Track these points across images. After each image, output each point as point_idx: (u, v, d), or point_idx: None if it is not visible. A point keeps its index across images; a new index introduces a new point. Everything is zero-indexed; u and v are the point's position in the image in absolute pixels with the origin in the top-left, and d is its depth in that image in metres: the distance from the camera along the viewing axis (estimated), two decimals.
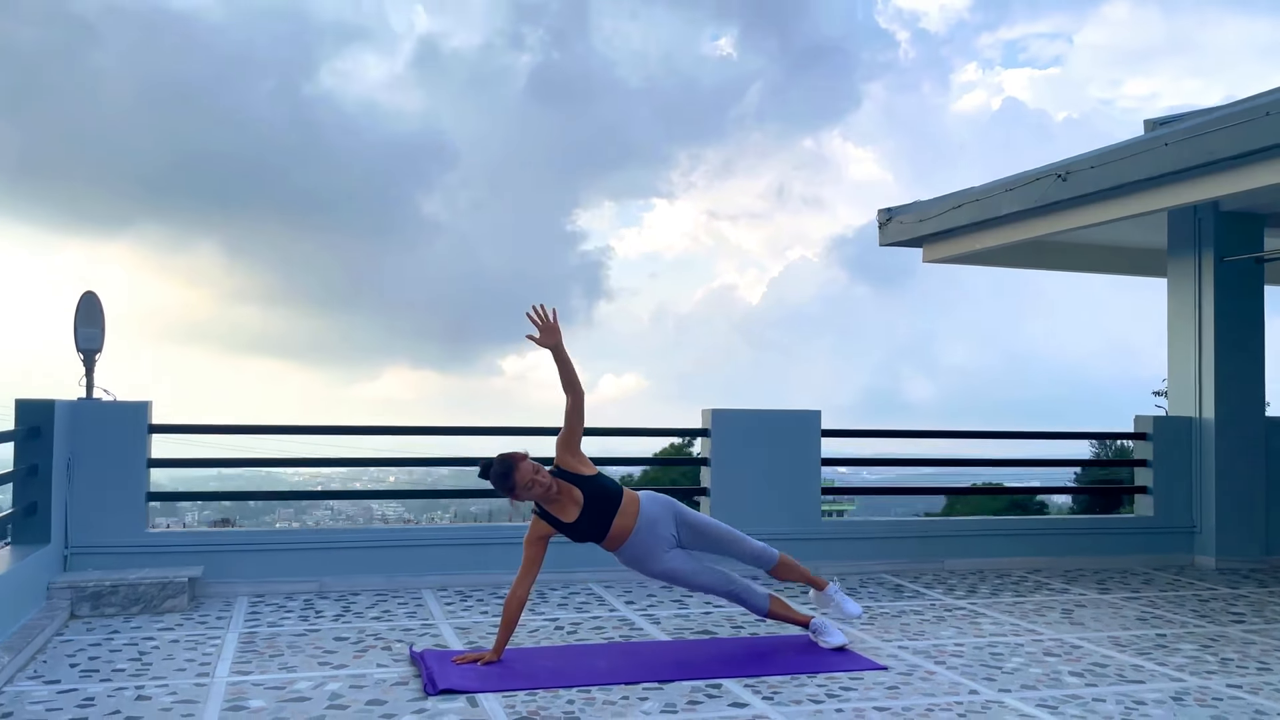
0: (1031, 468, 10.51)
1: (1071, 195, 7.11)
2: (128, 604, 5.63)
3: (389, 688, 4.21)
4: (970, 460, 11.99)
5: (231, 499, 6.33)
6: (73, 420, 6.02)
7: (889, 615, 5.86)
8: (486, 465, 4.65)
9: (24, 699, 3.99)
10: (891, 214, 9.39)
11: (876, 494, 9.72)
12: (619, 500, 4.69)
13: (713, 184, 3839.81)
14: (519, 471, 4.51)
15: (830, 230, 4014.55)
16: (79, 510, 6.02)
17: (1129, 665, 4.77)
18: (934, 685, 4.35)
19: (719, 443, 7.14)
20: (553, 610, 5.87)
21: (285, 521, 41.33)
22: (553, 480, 4.57)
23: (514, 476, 4.51)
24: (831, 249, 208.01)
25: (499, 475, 4.55)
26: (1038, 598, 6.50)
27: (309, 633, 5.23)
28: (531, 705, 3.97)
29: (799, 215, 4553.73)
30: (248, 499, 6.75)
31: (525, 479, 4.50)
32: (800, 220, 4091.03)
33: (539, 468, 4.56)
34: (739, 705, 4.01)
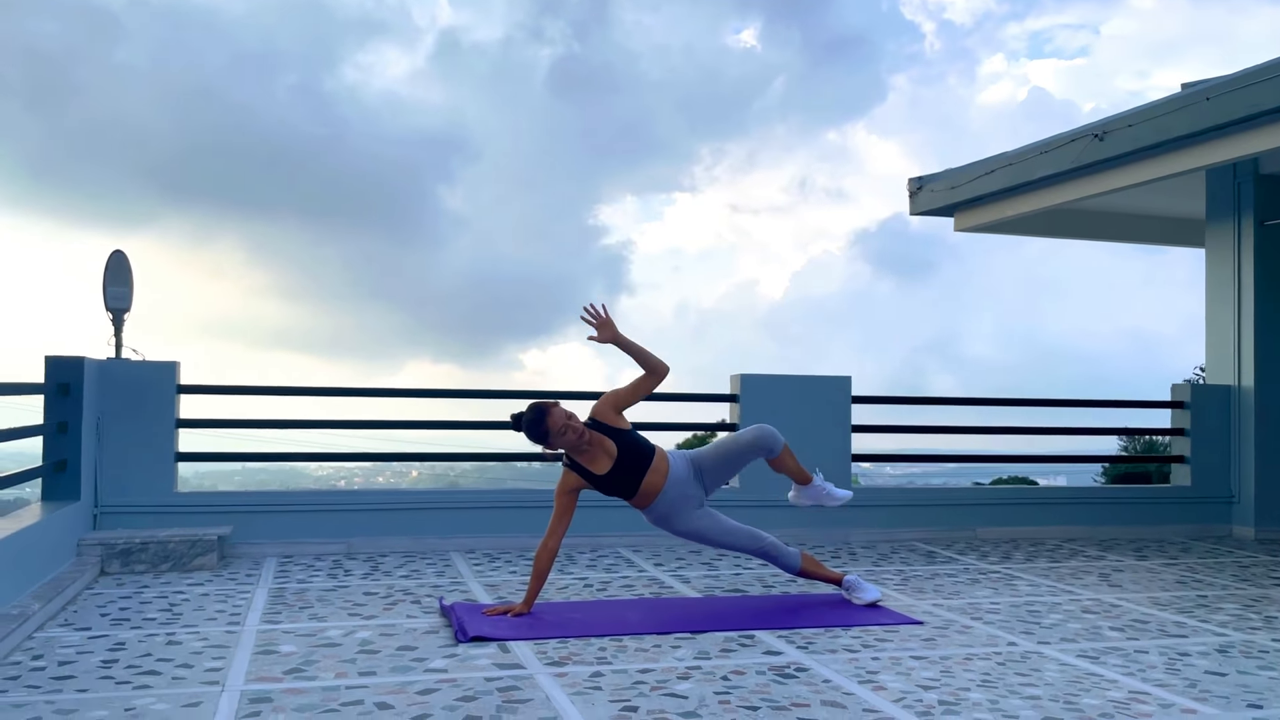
0: (1058, 464, 10.35)
1: (1108, 155, 6.97)
2: (157, 561, 5.63)
3: (419, 635, 4.18)
4: (997, 456, 11.83)
5: (259, 460, 6.32)
6: (102, 379, 6.02)
7: (922, 578, 5.78)
8: (517, 416, 4.61)
9: (55, 644, 3.99)
10: (923, 182, 9.27)
11: (903, 464, 9.58)
12: (651, 457, 4.63)
13: (735, 178, 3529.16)
14: (551, 418, 4.46)
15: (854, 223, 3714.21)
16: (109, 469, 6.02)
17: (1170, 622, 4.67)
18: (971, 637, 4.28)
19: (748, 408, 7.06)
20: (581, 570, 5.82)
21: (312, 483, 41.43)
22: (585, 429, 4.52)
23: (546, 423, 4.46)
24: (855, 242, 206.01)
25: (531, 422, 4.50)
26: (1073, 563, 6.40)
27: (338, 589, 5.21)
28: (563, 651, 3.93)
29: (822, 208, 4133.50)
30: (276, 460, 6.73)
31: (558, 425, 4.45)
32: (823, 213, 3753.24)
33: (571, 414, 4.50)
34: (773, 653, 3.95)
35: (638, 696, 3.34)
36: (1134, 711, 3.27)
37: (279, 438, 7.32)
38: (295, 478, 21.89)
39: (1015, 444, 8.34)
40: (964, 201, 8.83)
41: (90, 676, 3.51)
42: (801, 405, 7.14)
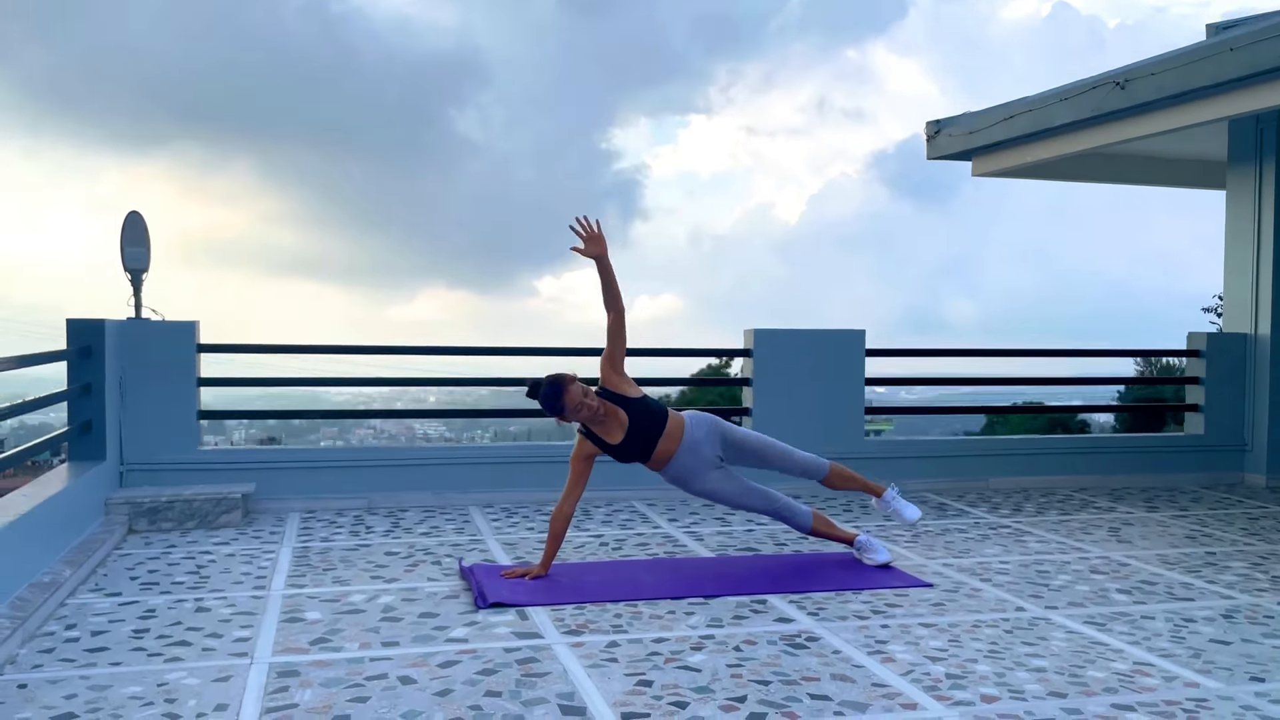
0: (1074, 386, 10.36)
1: (1130, 104, 6.86)
2: (183, 519, 5.76)
3: (440, 600, 4.29)
4: (1011, 379, 11.82)
5: (279, 417, 6.42)
6: (122, 340, 6.09)
7: (933, 533, 5.86)
8: (535, 385, 4.65)
9: (87, 611, 4.11)
10: (940, 126, 9.14)
11: (916, 413, 9.65)
12: (664, 423, 4.69)
13: (752, 99, 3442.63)
14: (569, 394, 4.51)
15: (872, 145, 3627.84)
16: (132, 428, 6.13)
17: (1178, 583, 4.74)
18: (980, 602, 4.36)
19: (761, 363, 7.09)
20: (598, 527, 5.92)
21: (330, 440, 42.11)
22: (600, 403, 4.57)
23: (564, 399, 4.51)
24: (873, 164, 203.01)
25: (548, 397, 4.55)
26: (1083, 516, 6.46)
27: (360, 548, 5.33)
28: (580, 619, 4.03)
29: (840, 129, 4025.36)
30: (294, 417, 6.84)
31: (575, 401, 4.50)
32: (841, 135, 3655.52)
33: (587, 390, 4.55)
34: (784, 620, 4.04)
35: (652, 670, 3.43)
36: (1138, 685, 3.35)
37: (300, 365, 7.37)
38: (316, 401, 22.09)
39: (1032, 367, 8.38)
40: (982, 147, 8.72)
41: (123, 648, 3.64)
42: (814, 359, 7.17)
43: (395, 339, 17.18)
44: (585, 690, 3.23)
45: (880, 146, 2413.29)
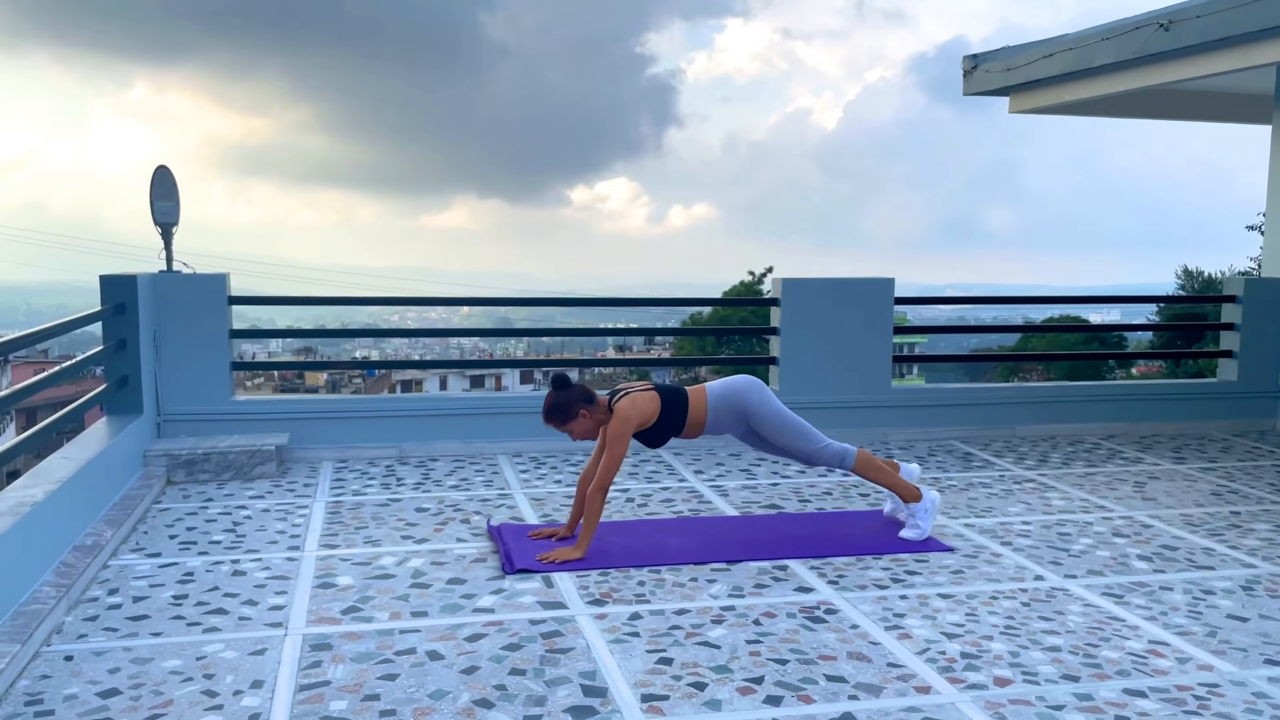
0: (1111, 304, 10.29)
1: (1174, 47, 6.65)
2: (219, 470, 5.90)
3: (468, 564, 4.40)
4: (1047, 298, 11.84)
5: (306, 368, 6.48)
6: (155, 293, 6.18)
7: (957, 488, 5.89)
8: (561, 382, 4.60)
9: (128, 573, 4.27)
10: (977, 61, 8.92)
11: (949, 331, 9.61)
12: (682, 424, 4.64)
13: (791, 2, 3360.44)
14: (577, 422, 4.52)
15: (912, 48, 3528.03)
16: (168, 380, 6.25)
17: (1200, 548, 4.75)
18: (999, 570, 4.40)
19: (789, 311, 7.07)
20: (623, 480, 6.00)
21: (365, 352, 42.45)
22: (602, 422, 4.55)
23: (570, 425, 4.53)
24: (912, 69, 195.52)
25: (554, 408, 4.53)
26: (1110, 468, 6.46)
27: (391, 502, 5.45)
28: (604, 586, 4.12)
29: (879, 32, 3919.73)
30: (323, 368, 6.92)
31: (580, 431, 4.55)
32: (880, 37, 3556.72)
33: (593, 414, 4.53)
34: (804, 590, 4.12)
35: (673, 645, 3.53)
36: (1151, 667, 3.40)
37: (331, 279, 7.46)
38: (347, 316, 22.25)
39: (1069, 279, 8.32)
40: (1020, 84, 8.51)
41: (163, 616, 3.78)
42: (842, 308, 7.13)
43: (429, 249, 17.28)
44: (607, 669, 3.33)
45: (920, 49, 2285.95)
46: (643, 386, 4.62)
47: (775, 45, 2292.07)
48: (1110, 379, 15.29)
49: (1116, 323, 31.72)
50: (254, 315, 74.04)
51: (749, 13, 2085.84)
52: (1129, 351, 18.10)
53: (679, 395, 4.65)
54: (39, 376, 4.82)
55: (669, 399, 4.59)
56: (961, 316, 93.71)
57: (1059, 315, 32.33)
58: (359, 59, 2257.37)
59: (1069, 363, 23.51)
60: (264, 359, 31.51)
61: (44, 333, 4.92)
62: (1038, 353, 19.41)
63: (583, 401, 4.51)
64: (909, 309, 53.25)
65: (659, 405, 4.54)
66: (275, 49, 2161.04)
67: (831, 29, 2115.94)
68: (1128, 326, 16.19)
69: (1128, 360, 24.71)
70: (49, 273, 49.14)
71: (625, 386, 4.63)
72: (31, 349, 5.83)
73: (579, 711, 3.04)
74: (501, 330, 12.49)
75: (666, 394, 4.61)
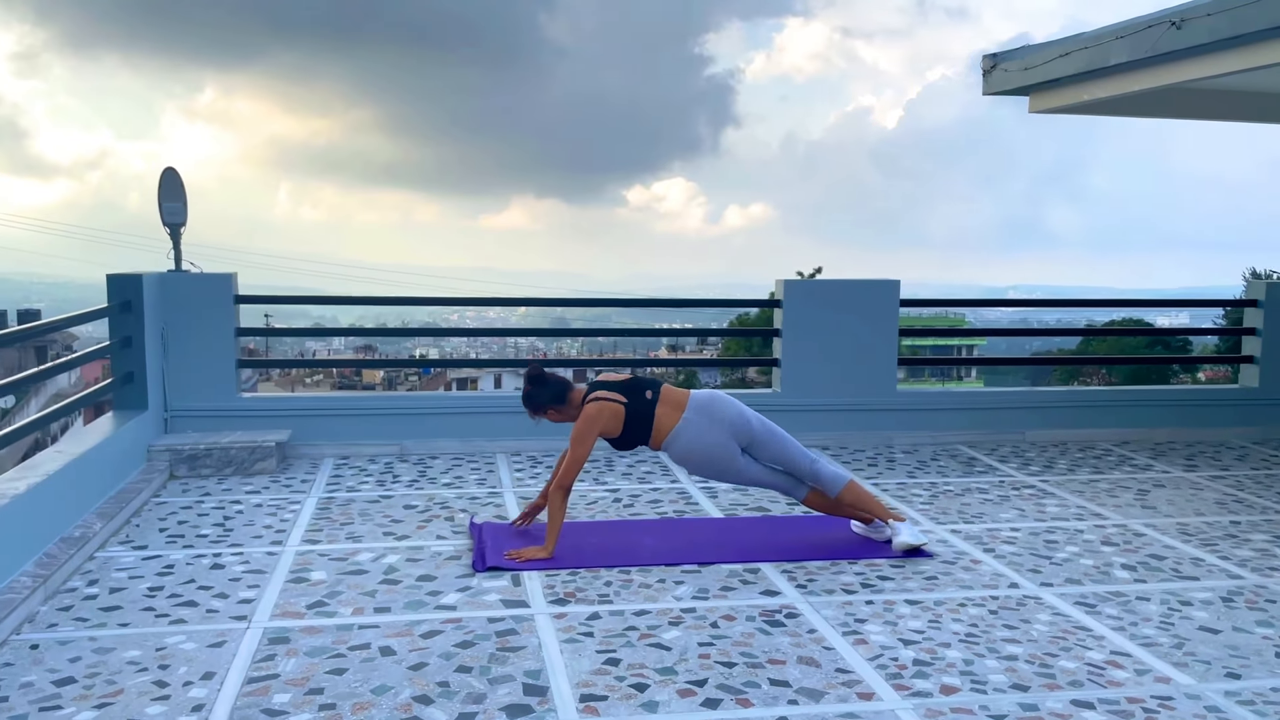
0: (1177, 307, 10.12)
1: (1186, 45, 6.50)
2: (221, 465, 6.02)
3: (442, 561, 4.45)
4: (1109, 301, 11.70)
5: (311, 366, 6.61)
6: (163, 292, 6.32)
7: (952, 494, 5.82)
8: (538, 373, 4.65)
9: (111, 565, 4.37)
10: (996, 60, 8.79)
11: (1010, 335, 9.51)
12: (648, 433, 4.55)
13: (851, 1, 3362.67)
14: (543, 411, 4.62)
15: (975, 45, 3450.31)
16: (175, 377, 6.39)
17: (1189, 558, 4.65)
18: (975, 577, 4.35)
19: (791, 313, 7.04)
20: (616, 480, 6.02)
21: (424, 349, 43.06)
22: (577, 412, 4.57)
23: (543, 413, 4.62)
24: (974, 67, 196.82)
25: (530, 395, 4.61)
26: (1116, 475, 6.34)
27: (382, 499, 5.52)
28: (570, 586, 4.14)
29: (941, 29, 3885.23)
30: (330, 366, 7.01)
31: (554, 421, 4.63)
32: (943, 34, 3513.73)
33: (562, 413, 4.62)
34: (770, 593, 4.10)
35: (624, 646, 3.54)
36: (1106, 678, 3.34)
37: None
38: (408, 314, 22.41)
39: (1134, 281, 8.20)
40: (1039, 84, 8.37)
41: (135, 607, 3.87)
42: (846, 310, 7.08)
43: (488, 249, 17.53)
44: (553, 668, 3.35)
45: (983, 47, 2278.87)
46: (615, 399, 4.49)
47: (835, 44, 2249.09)
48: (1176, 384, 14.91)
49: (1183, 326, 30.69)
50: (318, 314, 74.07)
51: (809, 12, 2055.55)
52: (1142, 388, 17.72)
53: (644, 412, 4.50)
54: (35, 369, 4.97)
55: (634, 414, 4.49)
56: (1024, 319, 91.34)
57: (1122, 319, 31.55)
58: (419, 60, 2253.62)
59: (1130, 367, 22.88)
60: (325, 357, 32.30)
61: (41, 328, 5.06)
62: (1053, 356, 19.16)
63: (550, 401, 4.57)
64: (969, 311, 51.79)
65: (622, 422, 4.50)
66: (337, 51, 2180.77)
67: (892, 27, 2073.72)
68: (1191, 330, 15.81)
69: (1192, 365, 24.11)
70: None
71: (602, 387, 4.58)
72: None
73: (515, 710, 3.07)
74: (556, 330, 12.54)
75: (632, 411, 4.49)
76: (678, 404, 4.54)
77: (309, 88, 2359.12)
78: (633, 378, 4.65)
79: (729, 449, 4.53)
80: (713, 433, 4.51)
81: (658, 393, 4.57)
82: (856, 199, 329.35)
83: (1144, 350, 20.54)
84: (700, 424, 4.51)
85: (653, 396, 4.54)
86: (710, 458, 4.56)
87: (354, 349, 48.66)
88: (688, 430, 4.50)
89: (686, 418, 4.51)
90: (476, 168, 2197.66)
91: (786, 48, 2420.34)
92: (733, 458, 4.56)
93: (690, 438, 4.51)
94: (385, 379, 45.16)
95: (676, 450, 4.56)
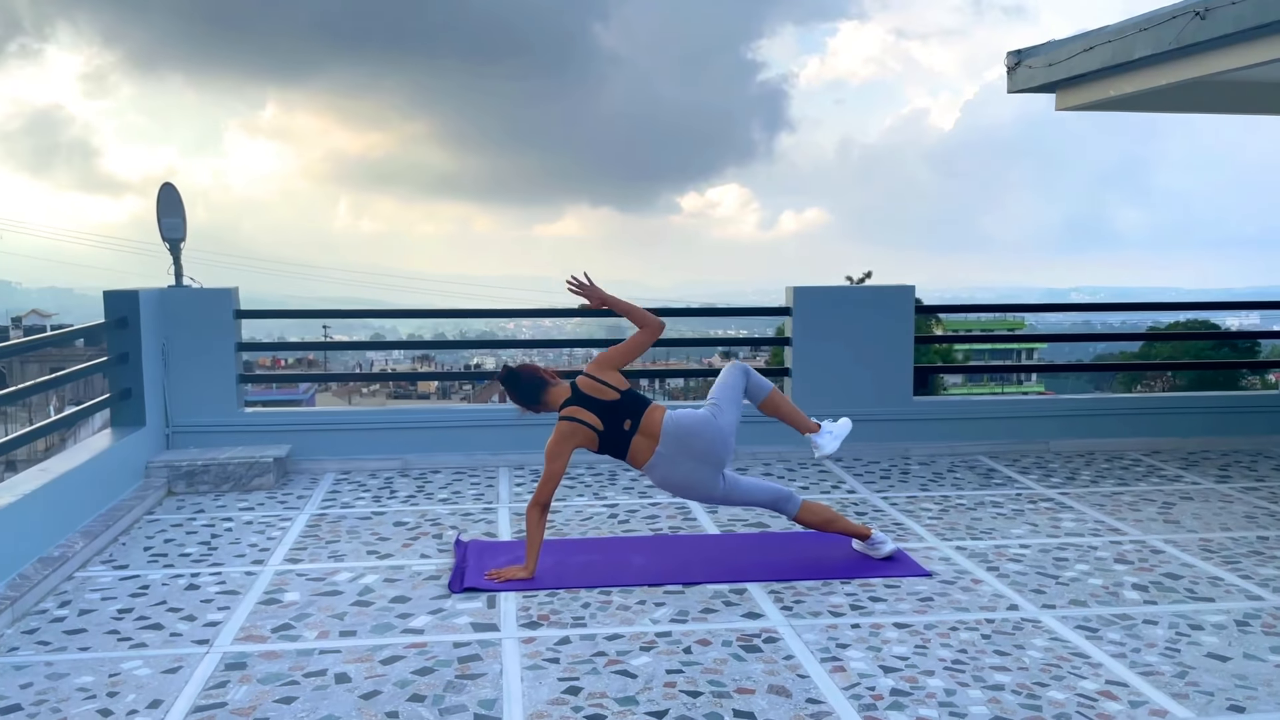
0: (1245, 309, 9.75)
1: (1211, 36, 6.21)
2: (219, 481, 5.98)
3: (420, 582, 4.33)
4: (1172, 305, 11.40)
5: (311, 380, 6.57)
6: (163, 308, 6.30)
7: (963, 508, 5.59)
8: (513, 375, 4.52)
9: (87, 585, 4.32)
10: (1020, 57, 8.52)
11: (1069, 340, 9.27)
12: (627, 447, 4.36)
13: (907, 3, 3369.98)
14: (549, 394, 4.49)
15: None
16: (177, 392, 6.37)
17: (1207, 577, 4.39)
18: (973, 598, 4.13)
19: (801, 322, 6.84)
20: (617, 494, 5.87)
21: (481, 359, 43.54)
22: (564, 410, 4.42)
23: (544, 396, 4.48)
24: None
25: (528, 390, 4.49)
26: (1141, 487, 6.05)
27: (375, 515, 5.42)
28: (547, 608, 4.00)
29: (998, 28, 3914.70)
30: (330, 380, 6.99)
31: (552, 399, 4.48)
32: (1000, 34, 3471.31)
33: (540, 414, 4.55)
34: (753, 616, 3.92)
35: (589, 674, 3.38)
36: (1097, 710, 3.12)
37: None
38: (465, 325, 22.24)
39: (1202, 281, 7.89)
40: (1064, 80, 8.09)
41: (99, 630, 3.80)
42: (859, 318, 6.87)
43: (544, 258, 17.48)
44: (510, 698, 3.21)
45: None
46: (590, 422, 4.30)
47: (889, 47, 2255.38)
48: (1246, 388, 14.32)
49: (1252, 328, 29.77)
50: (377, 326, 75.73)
51: (863, 15, 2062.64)
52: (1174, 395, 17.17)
53: (620, 440, 4.33)
54: (30, 383, 4.95)
55: (608, 441, 4.34)
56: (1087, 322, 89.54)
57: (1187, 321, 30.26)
58: (474, 73, 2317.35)
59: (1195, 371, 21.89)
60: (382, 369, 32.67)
61: (35, 342, 5.05)
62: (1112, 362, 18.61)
63: (526, 402, 4.52)
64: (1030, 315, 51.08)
65: (597, 445, 4.36)
66: (393, 66, 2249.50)
67: (948, 27, 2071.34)
68: (1260, 334, 14.93)
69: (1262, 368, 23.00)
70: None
71: (583, 401, 4.37)
72: None
73: None
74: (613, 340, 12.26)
75: (606, 439, 4.33)
76: (654, 434, 4.32)
77: (366, 102, 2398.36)
78: (621, 397, 4.35)
79: (704, 476, 4.35)
80: (687, 465, 4.33)
81: (638, 422, 4.33)
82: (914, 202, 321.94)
83: (1208, 352, 19.78)
84: (673, 457, 4.31)
85: (631, 427, 4.32)
86: (687, 485, 4.40)
87: (412, 359, 49.09)
88: (661, 464, 4.33)
89: (660, 451, 4.30)
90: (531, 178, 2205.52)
91: (840, 51, 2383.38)
92: (711, 484, 4.38)
93: (665, 471, 4.35)
94: (440, 389, 45.47)
95: (655, 479, 4.41)
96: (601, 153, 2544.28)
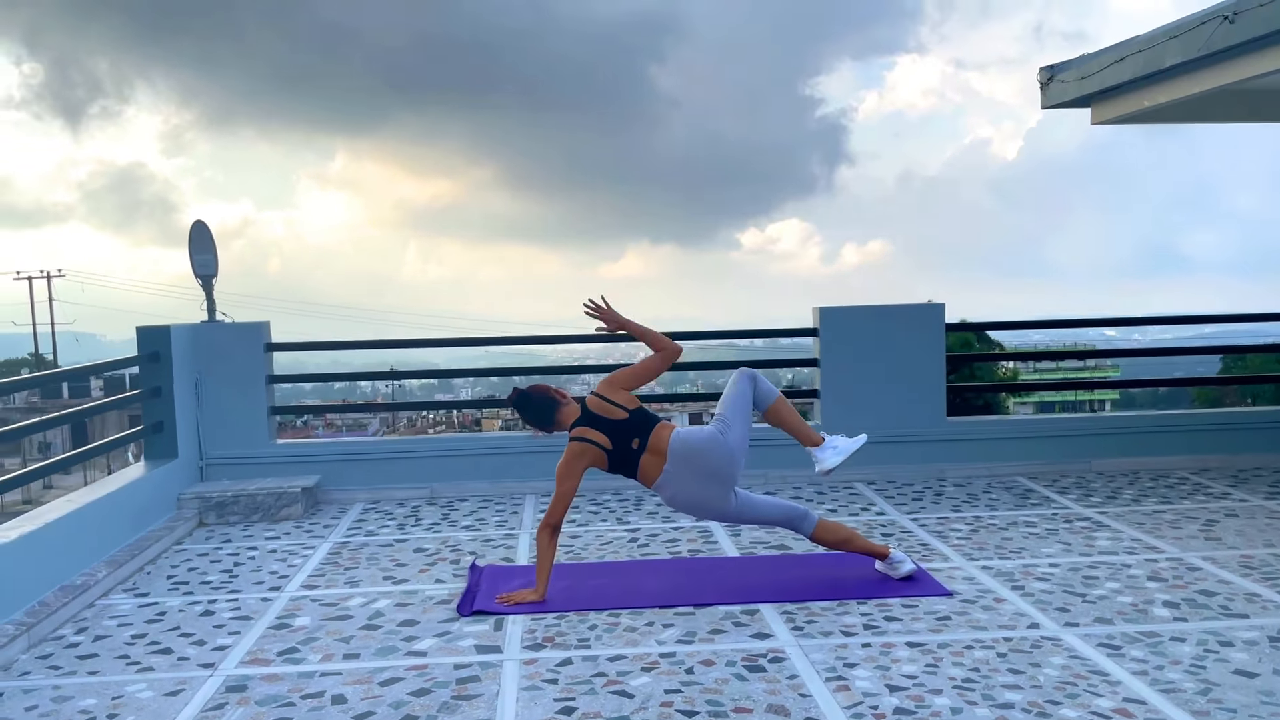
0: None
1: (1241, 40, 6.05)
2: (249, 512, 6.05)
3: (431, 606, 4.32)
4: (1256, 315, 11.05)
5: (344, 411, 6.66)
6: (195, 342, 6.43)
7: (995, 527, 5.43)
8: (523, 398, 4.51)
9: (107, 612, 4.38)
10: (1054, 72, 8.39)
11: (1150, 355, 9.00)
12: (636, 465, 4.32)
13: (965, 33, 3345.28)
14: (562, 411, 4.45)
15: None
16: (210, 425, 6.48)
17: (1243, 594, 4.19)
18: (992, 617, 4.00)
19: (828, 343, 6.75)
20: (641, 518, 5.82)
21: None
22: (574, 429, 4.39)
23: (558, 414, 4.45)
24: None
25: (541, 410, 4.47)
26: (1185, 505, 5.83)
27: (397, 543, 5.43)
28: (552, 630, 3.96)
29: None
30: (361, 410, 7.08)
31: (565, 417, 4.45)
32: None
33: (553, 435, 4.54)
34: (762, 636, 3.84)
35: (585, 694, 3.33)
36: None
37: None
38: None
39: None
40: (1097, 92, 7.94)
41: (110, 655, 3.84)
42: (888, 337, 6.76)
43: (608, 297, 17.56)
44: (503, 718, 3.17)
45: None
46: (599, 441, 4.26)
47: (949, 78, 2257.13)
48: None
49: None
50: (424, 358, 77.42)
51: (921, 48, 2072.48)
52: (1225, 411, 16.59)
53: (629, 460, 4.29)
54: (44, 417, 5.07)
55: (617, 461, 4.31)
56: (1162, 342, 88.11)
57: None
58: (535, 119, 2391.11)
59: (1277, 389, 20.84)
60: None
61: (63, 375, 5.17)
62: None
63: (538, 423, 4.48)
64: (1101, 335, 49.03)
65: (606, 464, 4.33)
66: (457, 113, 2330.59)
67: (1009, 57, 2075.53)
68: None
69: None
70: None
71: (592, 421, 4.35)
72: None
73: None
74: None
75: (615, 458, 4.30)
76: (661, 452, 4.27)
77: (432, 149, 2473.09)
78: (630, 416, 4.31)
79: (714, 494, 4.29)
80: (695, 483, 4.27)
81: (646, 441, 4.28)
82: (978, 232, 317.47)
83: None
84: (681, 476, 4.26)
85: (639, 446, 4.27)
86: (697, 503, 4.34)
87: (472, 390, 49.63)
88: (670, 483, 4.28)
89: (667, 470, 4.25)
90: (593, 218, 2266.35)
91: (899, 85, 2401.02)
92: (721, 501, 4.31)
93: (674, 489, 4.30)
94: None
95: (665, 497, 4.36)
96: (661, 192, 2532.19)
